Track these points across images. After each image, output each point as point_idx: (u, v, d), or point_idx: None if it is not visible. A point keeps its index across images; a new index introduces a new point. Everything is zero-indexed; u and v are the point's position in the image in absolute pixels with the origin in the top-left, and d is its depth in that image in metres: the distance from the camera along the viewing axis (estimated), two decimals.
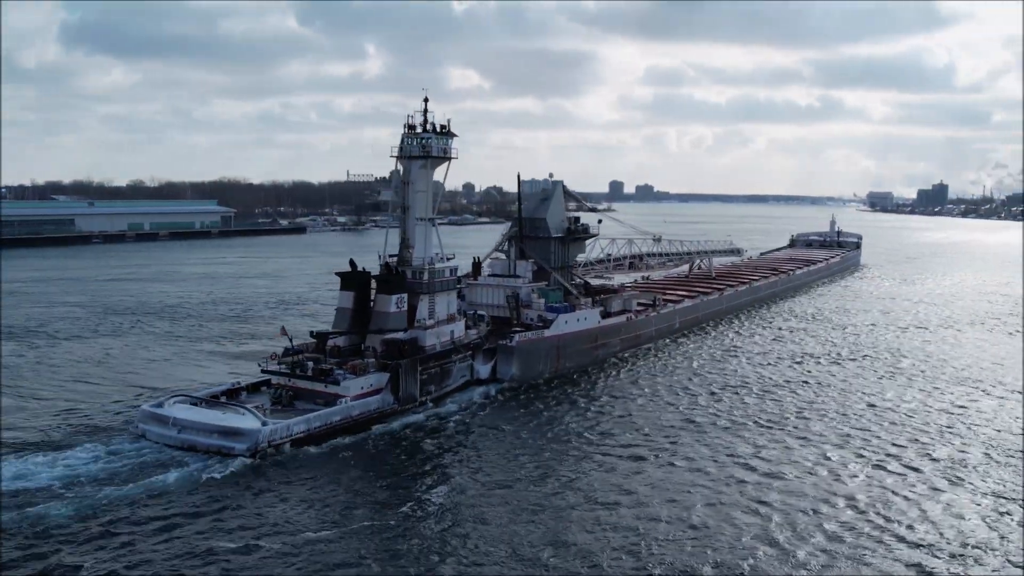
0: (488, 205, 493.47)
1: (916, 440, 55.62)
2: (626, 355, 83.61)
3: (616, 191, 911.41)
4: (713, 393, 67.92)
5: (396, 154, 67.82)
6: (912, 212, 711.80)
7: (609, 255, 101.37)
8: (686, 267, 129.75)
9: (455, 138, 68.91)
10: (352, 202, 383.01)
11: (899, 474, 48.92)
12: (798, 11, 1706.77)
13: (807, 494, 45.34)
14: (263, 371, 60.68)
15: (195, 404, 55.28)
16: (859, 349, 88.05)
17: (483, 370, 69.26)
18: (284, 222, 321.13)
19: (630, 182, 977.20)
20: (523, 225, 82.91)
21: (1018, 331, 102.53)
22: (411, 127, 67.95)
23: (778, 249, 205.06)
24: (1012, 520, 42.25)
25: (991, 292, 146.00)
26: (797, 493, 45.49)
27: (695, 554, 37.54)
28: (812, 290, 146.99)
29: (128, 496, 43.02)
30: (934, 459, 51.79)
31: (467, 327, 69.38)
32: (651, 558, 37.11)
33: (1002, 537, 40.42)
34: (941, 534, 40.34)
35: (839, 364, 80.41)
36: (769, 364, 79.77)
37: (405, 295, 64.04)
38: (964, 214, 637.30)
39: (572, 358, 76.28)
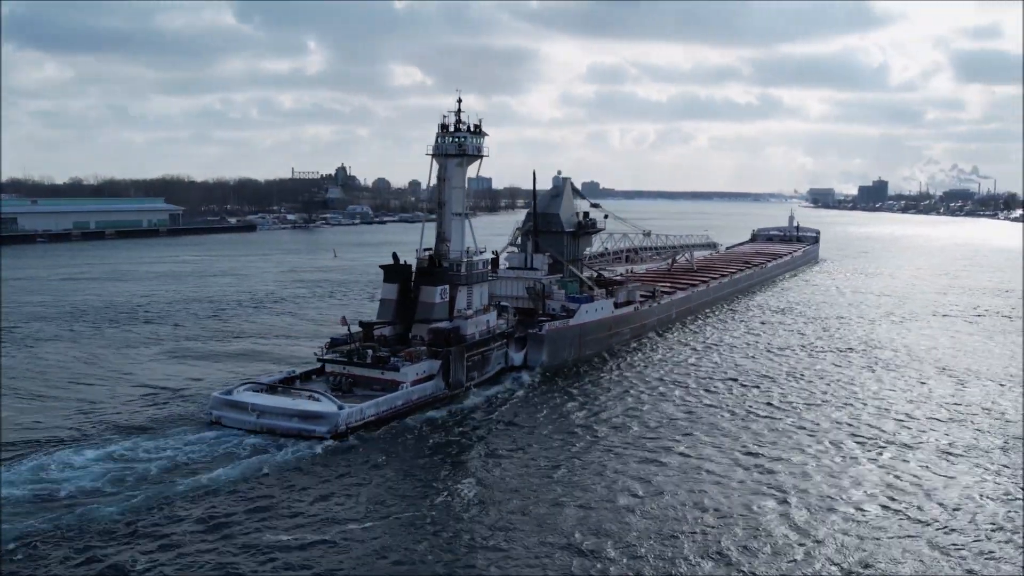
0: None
1: (910, 428, 59.95)
2: (635, 343, 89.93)
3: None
4: (727, 382, 73.84)
5: (431, 152, 72.74)
6: (854, 208, 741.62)
7: (607, 248, 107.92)
8: (667, 260, 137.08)
9: (486, 136, 74.21)
10: (299, 199, 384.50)
11: (903, 460, 52.85)
12: (734, 11, 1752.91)
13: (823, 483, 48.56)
14: (319, 359, 64.91)
15: (260, 391, 59.17)
16: (843, 341, 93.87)
17: (517, 357, 74.63)
18: (233, 220, 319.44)
19: (576, 179, 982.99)
20: (537, 220, 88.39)
21: (976, 320, 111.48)
22: (444, 126, 72.92)
23: (741, 244, 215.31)
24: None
25: (947, 285, 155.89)
26: (811, 483, 48.45)
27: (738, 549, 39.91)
28: (781, 283, 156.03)
29: (223, 480, 46.07)
30: (937, 445, 55.88)
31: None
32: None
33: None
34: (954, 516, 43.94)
35: (823, 355, 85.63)
36: (757, 357, 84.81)
37: (447, 286, 68.97)
38: (904, 210, 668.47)
39: (591, 345, 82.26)
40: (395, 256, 71.18)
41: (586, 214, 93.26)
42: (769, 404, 66.10)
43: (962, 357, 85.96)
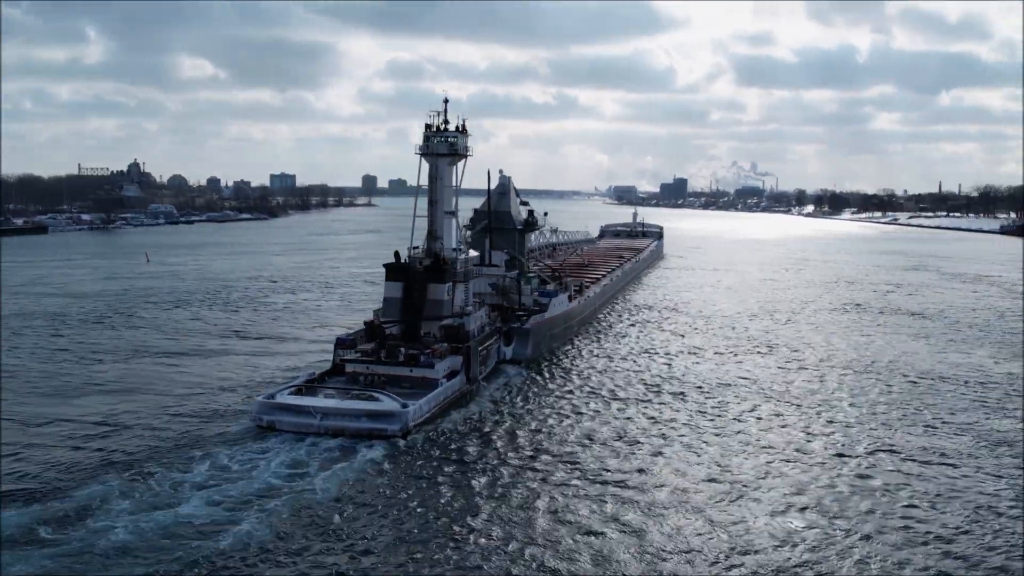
0: (243, 201, 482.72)
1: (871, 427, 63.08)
2: (584, 334, 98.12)
3: (370, 185, 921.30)
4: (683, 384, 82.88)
5: (420, 152, 76.76)
6: (657, 205, 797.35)
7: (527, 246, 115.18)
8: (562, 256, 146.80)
9: (470, 136, 79.30)
10: (90, 198, 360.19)
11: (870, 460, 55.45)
12: (527, 11, 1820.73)
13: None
14: (342, 360, 67.18)
15: (300, 393, 60.90)
16: (752, 341, 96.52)
17: (507, 351, 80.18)
18: (19, 221, 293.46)
19: (383, 176, 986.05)
20: (492, 218, 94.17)
21: (849, 313, 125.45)
22: (429, 126, 77.23)
23: (595, 239, 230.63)
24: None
25: (795, 279, 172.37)
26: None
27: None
28: (647, 278, 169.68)
29: (329, 487, 47.62)
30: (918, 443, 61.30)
31: None
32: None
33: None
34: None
35: (737, 356, 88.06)
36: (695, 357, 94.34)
37: (451, 283, 73.46)
38: (705, 206, 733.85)
39: (557, 338, 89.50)
40: (396, 255, 74.51)
41: (531, 212, 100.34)
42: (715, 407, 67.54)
43: (866, 351, 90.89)
